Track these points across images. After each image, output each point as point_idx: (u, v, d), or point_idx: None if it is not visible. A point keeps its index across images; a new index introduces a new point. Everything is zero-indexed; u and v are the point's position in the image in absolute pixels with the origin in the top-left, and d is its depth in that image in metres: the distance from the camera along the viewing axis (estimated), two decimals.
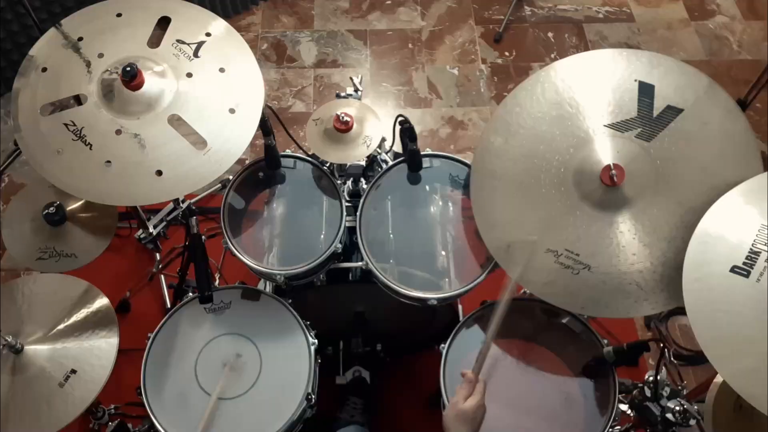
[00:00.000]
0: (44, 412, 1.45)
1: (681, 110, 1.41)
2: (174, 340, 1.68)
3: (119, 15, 1.54)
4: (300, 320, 1.70)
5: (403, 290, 1.61)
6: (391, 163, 1.77)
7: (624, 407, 1.63)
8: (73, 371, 1.50)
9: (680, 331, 2.49)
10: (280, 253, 1.71)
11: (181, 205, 1.92)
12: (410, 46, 3.45)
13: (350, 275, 1.83)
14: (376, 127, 1.70)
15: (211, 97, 1.47)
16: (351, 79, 1.92)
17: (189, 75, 1.48)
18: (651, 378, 1.56)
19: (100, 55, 1.48)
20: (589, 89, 1.47)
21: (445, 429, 1.31)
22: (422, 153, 1.71)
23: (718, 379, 1.49)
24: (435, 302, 1.61)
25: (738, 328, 1.19)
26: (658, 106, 1.42)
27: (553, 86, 1.49)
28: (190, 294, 1.75)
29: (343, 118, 1.65)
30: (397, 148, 1.81)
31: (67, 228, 1.77)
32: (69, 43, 1.49)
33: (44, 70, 1.46)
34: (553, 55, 3.40)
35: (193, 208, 1.94)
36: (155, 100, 1.44)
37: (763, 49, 3.42)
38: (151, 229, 1.91)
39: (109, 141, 1.40)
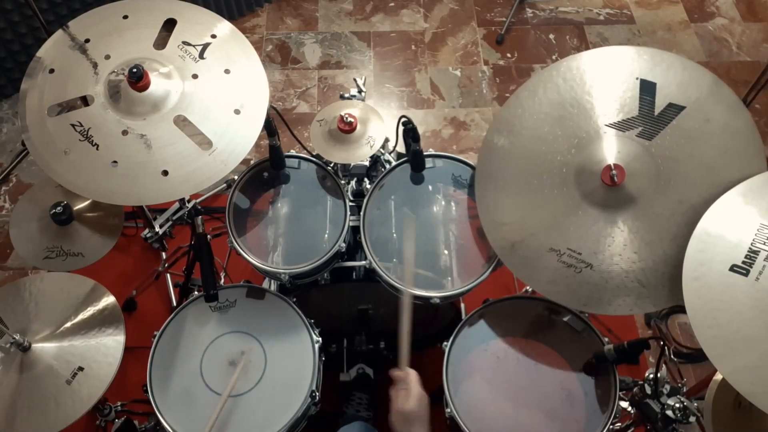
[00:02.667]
0: (52, 409, 1.46)
1: (683, 107, 1.41)
2: (180, 338, 1.69)
3: (125, 17, 1.55)
4: (304, 318, 1.71)
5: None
6: (394, 163, 1.78)
7: (624, 404, 1.64)
8: (80, 369, 1.50)
9: (680, 329, 2.50)
10: (285, 252, 1.72)
11: (186, 204, 1.93)
12: (413, 47, 3.46)
13: (354, 274, 1.84)
14: (379, 128, 1.70)
15: (217, 98, 1.48)
16: (355, 80, 1.93)
17: (194, 76, 1.49)
18: (651, 375, 1.57)
19: (107, 57, 1.49)
20: (591, 89, 1.48)
21: None
22: (425, 153, 1.72)
23: (718, 376, 1.49)
24: (438, 300, 1.62)
25: (738, 327, 1.20)
26: (660, 104, 1.42)
27: (555, 86, 1.50)
28: (196, 292, 1.76)
29: (346, 118, 1.65)
30: (401, 148, 1.81)
31: (73, 227, 1.78)
32: (76, 45, 1.50)
33: (51, 71, 1.47)
34: (554, 57, 3.41)
35: (199, 207, 1.95)
36: (161, 101, 1.45)
37: (762, 50, 3.42)
38: (157, 229, 1.92)
39: (115, 141, 1.42)
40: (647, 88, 1.44)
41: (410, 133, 1.67)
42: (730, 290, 1.22)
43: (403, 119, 1.68)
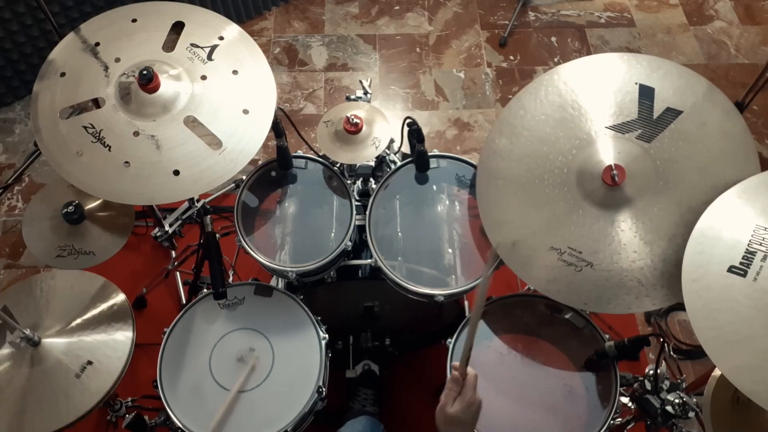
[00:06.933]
0: (62, 402, 1.49)
1: (680, 112, 1.43)
2: (189, 335, 1.71)
3: (134, 20, 1.56)
4: (311, 316, 1.72)
5: (411, 287, 1.64)
6: (399, 163, 1.79)
7: (625, 400, 1.65)
8: (90, 363, 1.53)
9: (680, 326, 2.52)
10: (292, 251, 1.74)
11: (195, 204, 1.95)
12: (418, 50, 3.49)
13: (360, 272, 1.86)
14: (384, 129, 1.72)
15: (225, 99, 1.50)
16: (360, 82, 1.94)
17: (203, 77, 1.50)
18: (651, 372, 1.58)
19: (117, 60, 1.50)
20: (591, 92, 1.50)
21: None
22: (429, 154, 1.74)
23: (716, 372, 1.51)
24: (442, 298, 1.63)
25: (737, 327, 1.20)
26: (658, 108, 1.44)
27: (557, 89, 1.52)
28: (205, 290, 1.78)
29: (352, 119, 1.67)
30: (405, 149, 1.83)
31: (85, 226, 1.79)
32: (87, 47, 1.52)
33: (63, 74, 1.49)
34: (556, 59, 3.42)
35: (208, 207, 1.96)
36: (171, 102, 1.47)
37: (760, 53, 3.44)
38: (166, 228, 1.93)
39: (127, 142, 1.44)
40: (646, 93, 1.45)
41: (415, 134, 1.69)
42: (728, 291, 1.23)
43: (408, 120, 1.69)
